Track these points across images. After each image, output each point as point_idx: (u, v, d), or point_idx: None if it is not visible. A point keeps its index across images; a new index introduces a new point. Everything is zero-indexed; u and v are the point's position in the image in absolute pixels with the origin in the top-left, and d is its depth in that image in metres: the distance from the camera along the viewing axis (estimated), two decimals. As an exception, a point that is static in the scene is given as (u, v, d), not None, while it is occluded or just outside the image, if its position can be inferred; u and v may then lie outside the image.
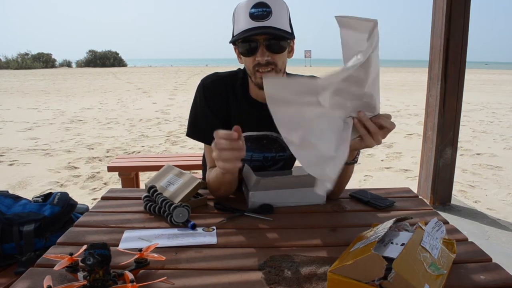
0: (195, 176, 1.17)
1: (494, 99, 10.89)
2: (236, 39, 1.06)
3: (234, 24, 1.09)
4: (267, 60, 1.05)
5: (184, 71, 27.99)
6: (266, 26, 1.01)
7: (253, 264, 0.81)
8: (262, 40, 1.04)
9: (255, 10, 1.01)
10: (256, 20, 1.01)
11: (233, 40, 1.08)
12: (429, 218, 0.86)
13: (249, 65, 1.09)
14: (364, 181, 3.74)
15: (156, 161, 2.78)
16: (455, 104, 2.85)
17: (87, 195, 3.31)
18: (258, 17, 1.01)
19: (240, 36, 1.03)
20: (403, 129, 6.35)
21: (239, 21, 1.06)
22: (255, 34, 1.02)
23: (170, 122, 6.93)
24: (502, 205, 3.13)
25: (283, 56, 1.09)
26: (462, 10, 2.71)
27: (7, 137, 5.59)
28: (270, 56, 1.05)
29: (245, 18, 1.03)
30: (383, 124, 0.85)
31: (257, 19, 1.01)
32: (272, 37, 1.04)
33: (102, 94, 11.56)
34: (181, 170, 1.22)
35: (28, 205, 1.31)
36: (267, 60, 1.05)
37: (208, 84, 1.21)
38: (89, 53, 37.82)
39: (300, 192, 1.14)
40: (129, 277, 0.71)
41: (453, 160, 2.95)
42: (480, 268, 0.80)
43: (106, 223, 1.02)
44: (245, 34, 1.02)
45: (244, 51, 1.07)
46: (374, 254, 0.63)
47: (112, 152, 4.72)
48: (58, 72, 26.05)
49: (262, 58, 1.05)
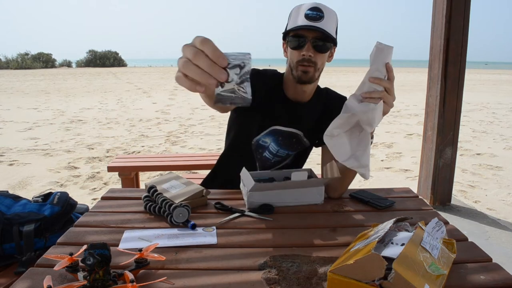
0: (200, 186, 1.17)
1: (494, 99, 10.90)
2: (288, 32, 1.20)
3: (289, 20, 1.23)
4: (310, 57, 1.18)
5: (184, 71, 27.96)
6: (317, 26, 1.15)
7: (253, 264, 0.81)
8: (311, 37, 1.17)
9: (310, 12, 1.16)
10: (309, 20, 1.15)
11: (286, 32, 1.22)
12: (429, 218, 0.86)
13: (294, 58, 1.21)
14: (364, 181, 3.74)
15: (156, 161, 2.78)
16: (455, 104, 2.85)
17: (87, 195, 3.31)
18: (312, 18, 1.15)
19: (293, 29, 1.18)
20: (403, 129, 6.35)
21: (294, 19, 1.19)
22: (306, 30, 1.16)
23: (170, 122, 6.93)
24: (502, 205, 3.13)
25: (324, 57, 1.22)
26: (462, 10, 2.71)
27: (7, 137, 5.60)
28: (313, 53, 1.18)
29: (300, 17, 1.17)
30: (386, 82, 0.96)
31: (310, 20, 1.15)
32: (319, 37, 1.17)
33: (102, 94, 11.56)
34: (188, 180, 1.23)
35: (28, 205, 1.31)
36: (310, 57, 1.18)
37: (257, 70, 1.33)
38: (89, 53, 37.82)
39: (298, 192, 1.14)
40: (129, 277, 0.71)
41: (453, 160, 2.95)
42: (480, 268, 0.80)
43: (106, 223, 1.02)
44: (297, 28, 1.16)
45: (293, 44, 1.20)
46: (374, 254, 0.63)
47: (112, 152, 4.72)
48: (58, 72, 26.05)
49: (307, 53, 1.17)
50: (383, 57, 0.94)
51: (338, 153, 1.02)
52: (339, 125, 0.99)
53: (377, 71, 0.94)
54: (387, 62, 0.94)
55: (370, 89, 0.95)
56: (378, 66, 0.94)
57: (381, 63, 0.94)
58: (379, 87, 0.94)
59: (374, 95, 0.94)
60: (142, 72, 26.81)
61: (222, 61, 0.62)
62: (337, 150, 1.02)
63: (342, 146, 1.02)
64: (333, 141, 1.01)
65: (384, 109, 0.99)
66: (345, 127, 1.01)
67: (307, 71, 1.20)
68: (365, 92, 0.96)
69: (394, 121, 7.18)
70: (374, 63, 0.94)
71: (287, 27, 1.22)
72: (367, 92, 0.95)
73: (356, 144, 1.02)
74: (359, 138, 1.02)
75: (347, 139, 1.02)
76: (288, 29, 1.21)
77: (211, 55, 0.61)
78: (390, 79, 0.96)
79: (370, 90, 0.95)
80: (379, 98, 0.95)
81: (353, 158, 1.01)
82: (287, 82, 1.31)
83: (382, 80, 0.94)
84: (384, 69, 0.94)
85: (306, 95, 1.31)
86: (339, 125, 0.99)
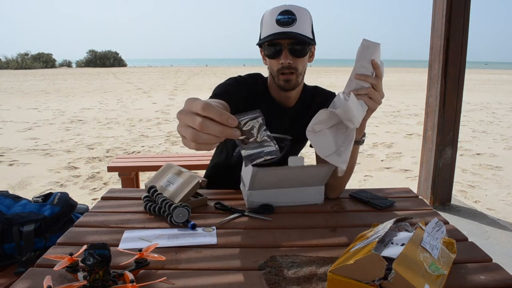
0: (195, 175, 1.17)
1: (494, 99, 10.89)
2: (263, 42, 1.16)
3: (261, 28, 1.19)
4: (289, 64, 1.15)
5: (184, 71, 28.01)
6: (290, 32, 1.11)
7: (253, 264, 0.81)
8: (286, 44, 1.14)
9: (281, 17, 1.12)
10: (282, 26, 1.12)
11: (260, 42, 1.18)
12: (429, 218, 0.86)
13: (274, 67, 1.19)
14: (364, 181, 3.74)
15: (156, 161, 2.78)
16: (455, 104, 2.85)
17: (87, 195, 3.31)
18: (284, 23, 1.12)
19: (266, 39, 1.14)
20: (403, 129, 6.35)
21: (266, 26, 1.16)
22: (280, 38, 1.12)
23: (170, 122, 6.93)
24: (502, 205, 3.13)
25: (304, 61, 1.19)
26: (462, 10, 2.71)
27: (7, 137, 5.60)
28: (292, 60, 1.15)
29: (272, 23, 1.13)
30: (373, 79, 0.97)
31: (283, 25, 1.12)
32: (295, 42, 1.13)
33: (102, 94, 11.56)
34: (180, 168, 1.22)
35: (28, 205, 1.31)
36: (290, 64, 1.15)
37: (240, 78, 1.29)
38: (89, 53, 37.81)
39: (298, 191, 1.14)
40: (129, 277, 0.71)
41: (453, 160, 2.95)
42: (480, 268, 0.80)
43: (106, 223, 1.02)
44: (271, 38, 1.12)
45: (269, 53, 1.17)
46: (374, 254, 0.63)
47: (112, 152, 4.72)
48: (58, 72, 26.06)
49: (285, 61, 1.14)
50: (369, 54, 0.93)
51: (320, 149, 1.01)
52: (320, 121, 0.98)
53: (363, 68, 0.94)
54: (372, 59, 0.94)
55: (358, 86, 0.95)
56: (363, 63, 0.94)
57: (367, 60, 0.93)
58: (366, 84, 0.94)
59: (361, 92, 0.94)
60: (142, 72, 26.81)
61: (232, 121, 0.62)
62: (319, 145, 1.01)
63: (324, 142, 1.01)
64: (315, 137, 1.00)
65: (372, 105, 0.98)
66: (329, 123, 1.00)
67: (289, 80, 1.17)
68: (352, 89, 0.96)
69: (394, 121, 7.18)
70: (360, 60, 0.94)
71: (261, 35, 1.18)
72: (354, 90, 0.95)
73: (342, 141, 1.01)
74: (346, 134, 1.01)
75: (332, 135, 1.01)
76: (262, 38, 1.17)
77: (219, 119, 0.60)
78: (378, 76, 0.95)
79: (357, 87, 0.95)
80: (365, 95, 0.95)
81: (336, 154, 1.01)
82: (271, 86, 1.28)
83: (367, 76, 0.94)
84: (370, 65, 0.94)
85: (292, 99, 1.29)
86: (320, 121, 0.98)
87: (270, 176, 1.10)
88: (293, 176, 1.12)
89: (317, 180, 1.14)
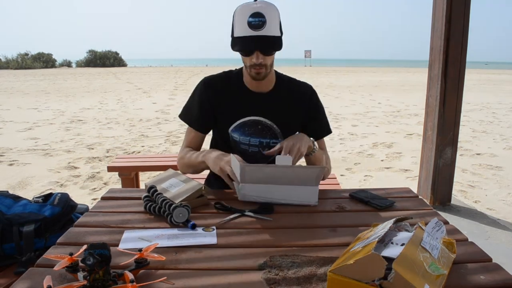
0: (199, 182, 1.17)
1: (494, 99, 10.90)
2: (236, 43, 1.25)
3: (233, 26, 1.26)
4: (260, 62, 1.25)
5: (184, 71, 28.00)
6: (261, 35, 1.20)
7: (253, 264, 0.81)
8: (257, 45, 1.23)
9: (252, 20, 1.20)
10: (253, 29, 1.20)
11: (233, 44, 1.27)
12: (429, 218, 0.86)
13: (246, 62, 1.30)
14: (364, 181, 3.74)
15: (156, 161, 2.78)
16: (455, 104, 2.85)
17: (87, 195, 3.31)
18: (255, 26, 1.20)
19: (239, 41, 1.24)
20: (403, 129, 6.35)
21: (238, 26, 1.24)
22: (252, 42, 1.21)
23: (170, 122, 6.93)
24: (502, 205, 3.13)
25: (273, 56, 1.31)
26: (462, 10, 2.71)
27: (7, 137, 5.60)
28: (263, 58, 1.25)
29: (243, 25, 1.21)
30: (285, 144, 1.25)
31: (254, 28, 1.20)
32: (265, 44, 1.23)
33: (102, 94, 11.56)
34: (187, 177, 1.23)
35: (28, 205, 1.31)
36: (261, 62, 1.25)
37: (208, 80, 1.42)
38: (89, 53, 37.79)
39: (290, 190, 1.13)
40: (129, 277, 0.71)
41: (453, 160, 2.95)
42: (480, 268, 0.80)
43: (106, 223, 1.02)
44: (243, 41, 1.23)
45: (241, 51, 1.27)
46: (374, 254, 0.63)
47: (112, 152, 4.72)
48: (58, 72, 26.06)
49: (257, 60, 1.24)
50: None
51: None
52: None
53: None
54: None
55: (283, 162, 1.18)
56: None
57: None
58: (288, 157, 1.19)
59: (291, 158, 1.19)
60: (142, 72, 26.81)
61: None
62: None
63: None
64: None
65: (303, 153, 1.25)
66: None
67: (260, 72, 1.28)
68: None
69: (394, 121, 7.18)
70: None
71: (233, 32, 1.27)
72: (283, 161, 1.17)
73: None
74: None
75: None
76: (235, 37, 1.26)
77: None
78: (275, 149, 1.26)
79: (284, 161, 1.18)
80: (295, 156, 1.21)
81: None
82: (245, 75, 1.38)
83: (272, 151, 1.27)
84: None
85: (264, 86, 1.38)
86: None
87: (258, 173, 1.12)
88: (281, 175, 1.12)
89: (308, 180, 1.13)
